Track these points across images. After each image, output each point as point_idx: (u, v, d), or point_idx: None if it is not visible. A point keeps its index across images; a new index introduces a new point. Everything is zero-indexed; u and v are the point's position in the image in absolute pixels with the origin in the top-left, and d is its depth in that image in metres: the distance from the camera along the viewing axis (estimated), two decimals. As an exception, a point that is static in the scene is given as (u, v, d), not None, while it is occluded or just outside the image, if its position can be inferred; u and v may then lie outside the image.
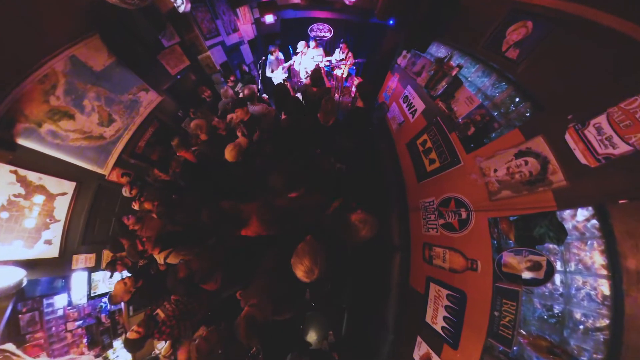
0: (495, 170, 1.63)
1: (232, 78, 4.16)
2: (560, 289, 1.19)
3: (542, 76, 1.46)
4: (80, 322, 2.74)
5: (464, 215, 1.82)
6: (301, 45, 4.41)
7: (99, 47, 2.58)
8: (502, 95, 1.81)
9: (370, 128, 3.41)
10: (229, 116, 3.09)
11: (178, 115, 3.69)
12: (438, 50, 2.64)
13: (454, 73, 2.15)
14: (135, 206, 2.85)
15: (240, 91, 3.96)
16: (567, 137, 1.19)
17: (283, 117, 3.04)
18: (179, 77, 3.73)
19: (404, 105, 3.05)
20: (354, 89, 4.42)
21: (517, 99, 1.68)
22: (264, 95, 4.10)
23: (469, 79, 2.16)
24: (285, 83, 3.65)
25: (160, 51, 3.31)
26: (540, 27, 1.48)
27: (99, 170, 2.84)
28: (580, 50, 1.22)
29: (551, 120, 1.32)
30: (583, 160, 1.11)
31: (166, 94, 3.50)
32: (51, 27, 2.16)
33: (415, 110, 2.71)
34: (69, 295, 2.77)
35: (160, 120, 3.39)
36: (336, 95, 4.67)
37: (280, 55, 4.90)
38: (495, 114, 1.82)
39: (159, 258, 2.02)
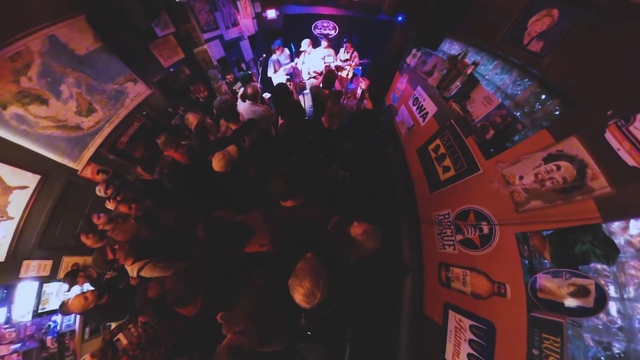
0: (521, 178, 1.52)
1: (229, 77, 4.19)
2: (619, 322, 1.02)
3: (571, 69, 1.37)
4: (18, 345, 2.29)
5: (485, 229, 1.68)
6: (305, 43, 4.40)
7: (83, 30, 2.49)
8: (526, 93, 1.74)
9: (377, 133, 3.37)
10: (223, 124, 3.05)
11: (168, 111, 3.54)
12: (451, 48, 2.63)
13: (469, 71, 2.10)
14: (110, 205, 2.65)
15: (237, 91, 3.98)
16: (608, 135, 1.08)
17: (280, 121, 3.04)
18: (171, 70, 3.68)
19: (414, 108, 3.04)
20: (359, 91, 4.39)
21: (543, 96, 1.60)
22: (265, 95, 4.03)
23: (487, 77, 2.12)
24: (289, 83, 3.58)
25: (152, 40, 3.26)
26: (567, 14, 1.42)
27: (71, 164, 2.62)
28: (620, 36, 1.13)
29: (586, 118, 1.22)
30: (631, 162, 0.99)
31: (156, 87, 3.42)
32: (32, 2, 2.07)
33: (427, 113, 2.70)
34: (9, 310, 2.38)
35: (148, 116, 3.28)
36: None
37: (286, 53, 4.92)
38: (518, 114, 1.74)
39: (132, 270, 1.83)
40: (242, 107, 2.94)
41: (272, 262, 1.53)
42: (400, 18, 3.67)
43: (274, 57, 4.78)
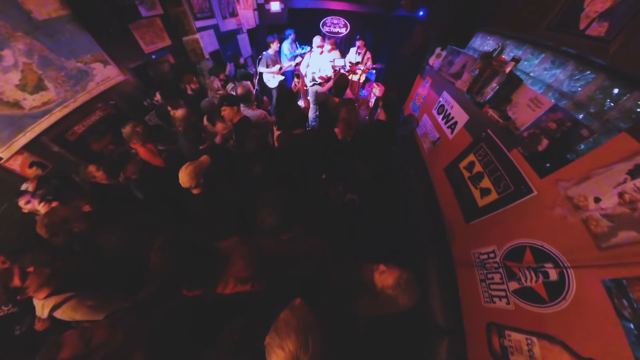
0: (598, 200, 1.31)
1: (222, 76, 4.05)
2: None
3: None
4: None
5: (553, 275, 1.41)
6: (317, 40, 4.37)
7: (48, -10, 2.32)
8: (589, 89, 1.62)
9: (393, 148, 3.34)
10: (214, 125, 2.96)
11: (143, 104, 3.44)
12: (483, 43, 2.65)
13: (508, 69, 2.08)
14: (34, 207, 2.27)
15: (231, 91, 3.99)
16: None
17: (276, 133, 3.02)
18: (153, 57, 3.61)
19: (439, 118, 3.01)
20: (372, 98, 4.41)
21: (616, 90, 1.44)
22: (265, 98, 3.98)
23: (532, 74, 2.06)
24: (297, 80, 3.47)
25: (134, 20, 3.22)
26: (639, -17, 1.29)
27: (-6, 149, 2.36)
28: None
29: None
30: None
31: (132, 74, 3.33)
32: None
33: (455, 123, 2.70)
34: None
35: (116, 106, 3.13)
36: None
37: (287, 48, 5.05)
38: (581, 116, 1.61)
39: (42, 307, 1.50)
40: None
41: (253, 307, 1.36)
42: (421, 13, 3.74)
43: (269, 51, 4.77)
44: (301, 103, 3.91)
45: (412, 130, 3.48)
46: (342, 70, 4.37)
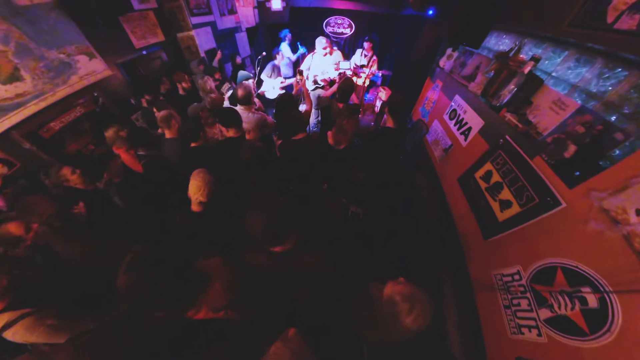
0: None
1: (217, 76, 4.04)
2: None
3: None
4: None
5: (592, 301, 1.31)
6: (321, 42, 4.36)
7: (33, -26, 2.34)
8: (621, 88, 1.56)
9: (401, 156, 3.33)
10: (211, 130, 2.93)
11: (130, 102, 3.42)
12: (499, 42, 2.64)
13: (527, 70, 2.07)
14: None
15: (226, 92, 4.04)
16: None
17: (278, 142, 2.95)
18: (144, 52, 3.62)
19: (451, 123, 3.00)
20: (378, 103, 4.39)
21: None
22: (257, 101, 3.94)
23: (554, 74, 2.02)
24: (299, 78, 3.41)
25: (125, 12, 3.23)
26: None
27: (-48, 143, 2.27)
28: None
29: None
30: None
31: (120, 69, 3.32)
32: None
33: (469, 129, 2.69)
34: None
35: (100, 104, 3.10)
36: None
37: (288, 51, 5.10)
38: (613, 118, 1.55)
39: None
40: None
41: (240, 334, 1.34)
42: (430, 12, 3.75)
43: (275, 61, 4.84)
44: (302, 107, 3.90)
45: (422, 137, 3.47)
46: (347, 74, 4.37)
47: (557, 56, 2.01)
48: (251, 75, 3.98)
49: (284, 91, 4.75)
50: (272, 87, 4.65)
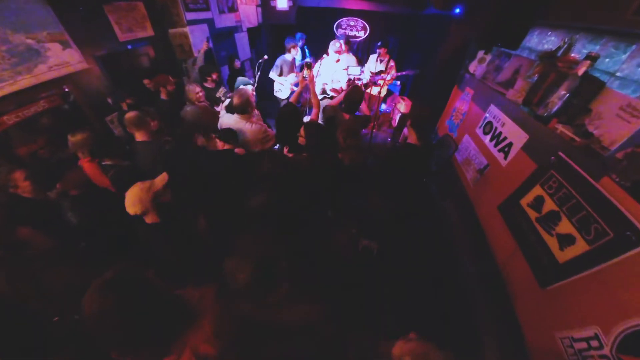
0: None
1: (214, 76, 4.08)
2: None
3: None
4: None
5: None
6: (334, 46, 4.40)
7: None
8: None
9: (425, 179, 3.27)
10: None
11: (107, 101, 3.42)
12: (542, 41, 2.60)
13: (581, 71, 2.01)
14: None
15: (222, 97, 4.00)
16: None
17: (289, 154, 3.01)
18: (129, 47, 3.65)
19: (486, 139, 2.96)
20: (397, 115, 4.39)
21: None
22: (255, 111, 3.90)
23: (619, 73, 1.96)
24: (306, 73, 3.42)
25: (111, 0, 3.29)
26: None
27: None
28: None
29: None
30: None
31: (98, 63, 3.32)
32: None
33: (509, 145, 2.63)
34: None
35: (70, 100, 3.08)
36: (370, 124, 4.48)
37: (298, 56, 5.22)
38: None
39: None
40: (227, 122, 2.89)
41: None
42: (457, 10, 3.79)
43: (287, 56, 4.87)
44: (307, 118, 3.90)
45: (450, 155, 3.36)
46: (358, 82, 4.37)
47: (622, 52, 1.95)
48: (251, 82, 4.02)
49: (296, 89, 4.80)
50: (286, 86, 4.71)
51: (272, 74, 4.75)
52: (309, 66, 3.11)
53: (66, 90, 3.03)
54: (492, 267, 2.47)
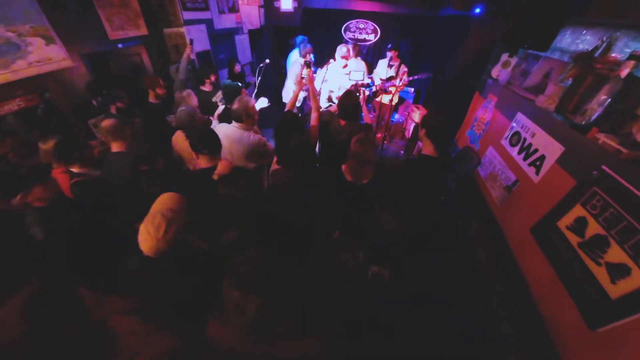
0: None
1: (212, 78, 4.13)
2: None
3: None
4: None
5: None
6: (341, 50, 4.41)
7: None
8: None
9: (444, 197, 3.07)
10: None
11: (91, 103, 3.40)
12: (576, 40, 2.54)
13: (624, 72, 1.95)
14: None
15: (219, 103, 4.01)
16: None
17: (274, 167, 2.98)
18: (120, 46, 3.68)
19: (514, 151, 2.94)
20: (411, 125, 4.36)
21: None
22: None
23: None
24: (305, 72, 3.38)
25: None
26: None
27: None
28: None
29: None
30: None
31: (85, 62, 3.33)
32: None
33: (542, 158, 2.58)
34: None
35: (49, 100, 3.07)
36: (377, 135, 4.51)
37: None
38: None
39: None
40: (222, 131, 2.77)
41: None
42: (477, 10, 3.81)
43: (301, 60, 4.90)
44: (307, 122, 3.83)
45: (472, 170, 3.34)
46: (363, 88, 4.33)
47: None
48: (240, 84, 3.99)
49: (306, 93, 4.84)
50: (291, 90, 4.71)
51: (290, 81, 4.80)
52: (308, 65, 3.10)
53: (45, 95, 3.03)
54: (526, 300, 2.35)
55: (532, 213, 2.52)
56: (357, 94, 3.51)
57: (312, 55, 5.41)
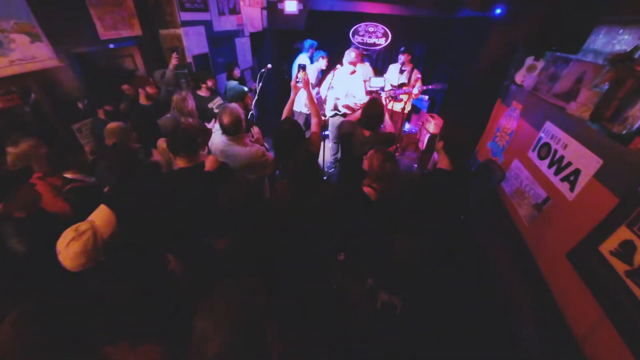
0: None
1: (210, 83, 4.16)
2: None
3: None
4: None
5: None
6: (349, 56, 4.42)
7: None
8: None
9: (463, 215, 3.01)
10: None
11: (77, 106, 3.44)
12: (612, 41, 2.48)
13: None
14: None
15: (215, 109, 4.07)
16: None
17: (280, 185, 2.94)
18: (111, 46, 3.71)
19: (543, 165, 2.91)
20: (425, 137, 4.30)
21: None
22: (255, 129, 3.86)
23: None
24: (301, 75, 3.43)
25: None
26: None
27: None
28: None
29: None
30: None
31: (73, 62, 3.34)
32: None
33: (577, 172, 2.51)
34: None
35: (32, 101, 3.07)
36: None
37: (322, 64, 5.43)
38: None
39: None
40: (217, 143, 2.81)
41: None
42: (498, 11, 3.82)
43: (315, 65, 4.95)
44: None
45: (494, 185, 3.31)
46: (380, 94, 4.34)
47: None
48: (246, 89, 4.00)
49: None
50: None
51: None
52: (304, 68, 3.12)
53: (31, 97, 3.05)
54: (564, 336, 2.20)
55: (567, 235, 2.41)
56: (381, 101, 3.52)
57: (312, 59, 5.45)
